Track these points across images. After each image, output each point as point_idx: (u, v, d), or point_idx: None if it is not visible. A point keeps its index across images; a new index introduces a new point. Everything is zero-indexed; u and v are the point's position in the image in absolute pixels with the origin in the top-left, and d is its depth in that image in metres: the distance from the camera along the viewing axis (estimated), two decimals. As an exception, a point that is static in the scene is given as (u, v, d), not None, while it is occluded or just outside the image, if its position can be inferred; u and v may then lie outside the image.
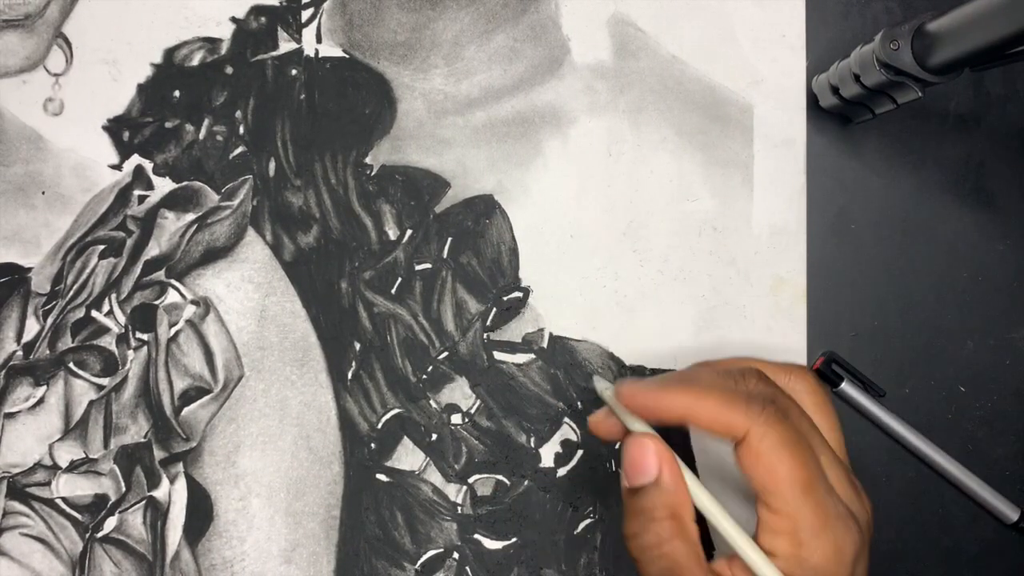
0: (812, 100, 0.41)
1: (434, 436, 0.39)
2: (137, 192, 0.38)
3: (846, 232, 0.41)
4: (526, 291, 0.39)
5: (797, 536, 0.27)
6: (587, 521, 0.39)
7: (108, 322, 0.38)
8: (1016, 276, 0.42)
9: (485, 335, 0.39)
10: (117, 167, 0.38)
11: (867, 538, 0.28)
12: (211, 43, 0.39)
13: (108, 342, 0.37)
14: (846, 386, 0.40)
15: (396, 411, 0.39)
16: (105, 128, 0.38)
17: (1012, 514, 0.41)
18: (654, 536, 0.28)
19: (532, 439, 0.39)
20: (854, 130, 0.42)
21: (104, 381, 0.37)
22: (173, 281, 0.38)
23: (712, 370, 0.30)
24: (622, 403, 0.30)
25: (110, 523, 0.37)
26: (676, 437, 0.30)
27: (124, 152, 0.38)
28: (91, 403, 0.37)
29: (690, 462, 0.31)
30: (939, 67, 0.34)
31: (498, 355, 0.39)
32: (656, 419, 0.29)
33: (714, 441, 0.29)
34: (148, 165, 0.38)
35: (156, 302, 0.38)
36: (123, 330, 0.38)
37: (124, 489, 0.37)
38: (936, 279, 0.42)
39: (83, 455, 0.37)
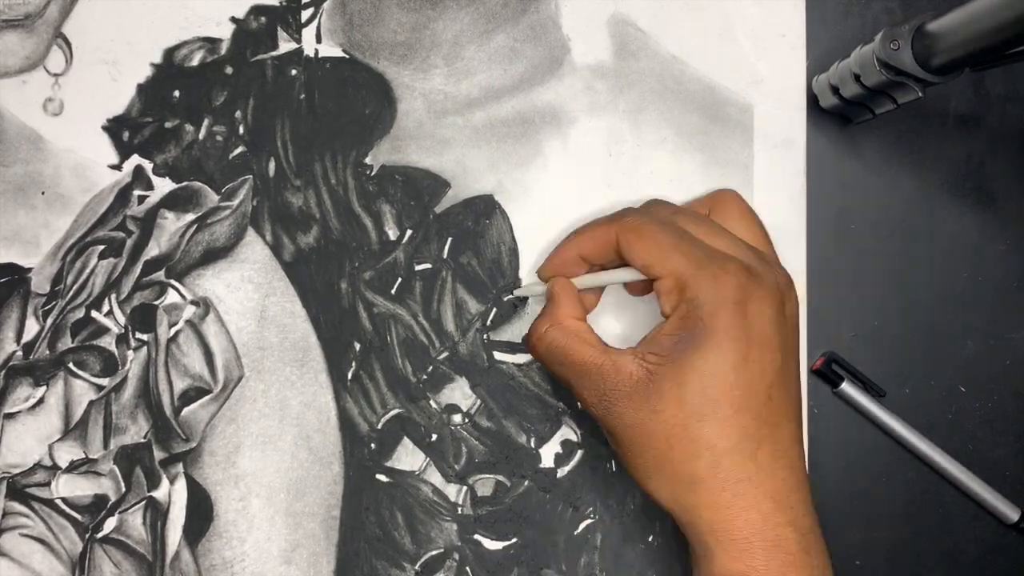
0: (812, 100, 0.41)
1: (434, 436, 0.39)
2: (137, 192, 0.38)
3: (846, 232, 0.41)
4: (526, 291, 0.39)
5: (679, 284, 0.31)
6: (587, 521, 0.39)
7: (108, 322, 0.38)
8: (1016, 276, 0.42)
9: (485, 335, 0.39)
10: (117, 167, 0.38)
11: (765, 280, 0.32)
12: (211, 43, 0.39)
13: (108, 342, 0.37)
14: (846, 386, 0.40)
15: (396, 411, 0.39)
16: (105, 128, 0.38)
17: (1012, 514, 0.41)
18: (535, 329, 0.36)
19: (532, 439, 0.39)
20: (854, 130, 0.42)
21: (104, 381, 0.37)
22: (173, 281, 0.38)
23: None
24: (542, 276, 0.37)
25: (110, 523, 0.37)
26: None
27: (124, 152, 0.38)
28: (91, 403, 0.37)
29: None
30: (939, 67, 0.34)
31: (498, 355, 0.39)
32: (566, 272, 0.36)
33: None
34: (148, 165, 0.38)
35: (156, 302, 0.38)
36: (123, 330, 0.38)
37: (124, 489, 0.37)
38: (936, 279, 0.42)
39: (83, 455, 0.37)
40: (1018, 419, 0.42)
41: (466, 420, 0.39)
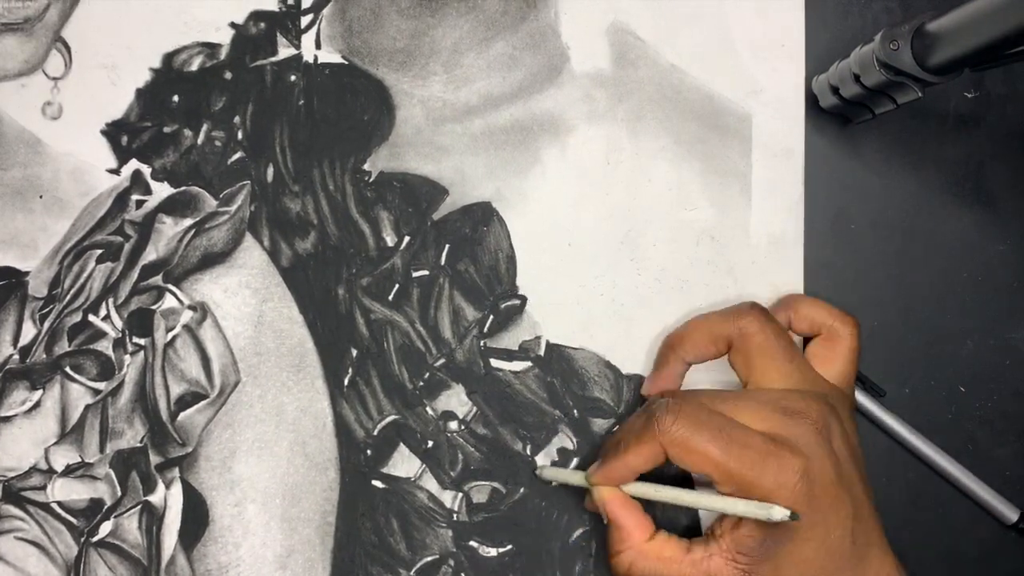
0: (812, 100, 0.41)
1: (430, 443, 0.39)
2: (135, 197, 0.38)
3: (846, 233, 0.41)
4: (523, 299, 0.40)
5: (742, 488, 0.31)
6: (582, 529, 0.39)
7: (105, 326, 0.38)
8: (1016, 276, 0.42)
9: (482, 342, 0.39)
10: (115, 172, 0.38)
11: (815, 437, 0.32)
12: (210, 48, 0.39)
13: (105, 346, 0.37)
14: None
15: (392, 418, 0.39)
16: (103, 132, 0.38)
17: (1012, 515, 0.41)
18: (620, 566, 0.35)
19: (528, 447, 0.39)
20: (854, 130, 0.42)
21: (100, 385, 0.37)
22: (170, 286, 0.38)
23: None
24: (599, 489, 0.35)
25: (105, 528, 0.37)
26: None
27: (122, 157, 0.38)
28: (87, 407, 0.37)
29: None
30: (939, 67, 0.34)
31: (495, 362, 0.39)
32: (619, 479, 0.35)
33: None
34: (146, 170, 0.38)
35: (153, 307, 0.38)
36: (120, 335, 0.38)
37: (120, 494, 0.37)
38: (936, 279, 0.42)
39: (79, 459, 0.37)
40: (1018, 419, 0.42)
41: (462, 427, 0.39)
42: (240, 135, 0.39)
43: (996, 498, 0.41)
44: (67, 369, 0.37)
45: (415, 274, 0.39)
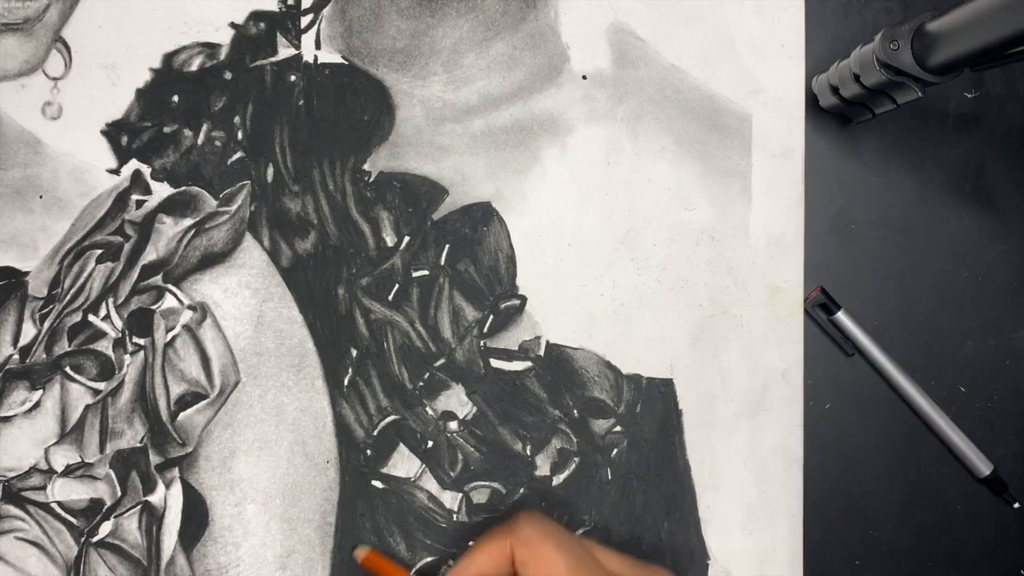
0: (812, 100, 0.41)
1: (430, 443, 0.39)
2: (135, 197, 0.38)
3: (846, 233, 0.41)
4: (523, 299, 0.39)
5: None
6: (582, 529, 0.39)
7: (105, 326, 0.38)
8: (1016, 276, 0.42)
9: (482, 342, 0.39)
10: (115, 172, 0.38)
11: None
12: (210, 48, 0.39)
13: (105, 346, 0.37)
14: (842, 315, 0.41)
15: (392, 418, 0.39)
16: (103, 133, 0.38)
17: (985, 468, 0.41)
18: None
19: (528, 447, 0.39)
20: (854, 130, 0.42)
21: (100, 385, 0.37)
22: (170, 286, 0.38)
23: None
24: None
25: (105, 528, 0.37)
26: None
27: (122, 157, 0.38)
28: (87, 407, 0.37)
29: None
30: (939, 67, 0.34)
31: (495, 363, 0.39)
32: None
33: None
34: (146, 170, 0.38)
35: (153, 307, 0.38)
36: (120, 335, 0.38)
37: (120, 494, 0.37)
38: (936, 279, 0.42)
39: (79, 459, 0.37)
40: (1018, 419, 0.42)
41: (462, 427, 0.39)
42: (240, 135, 0.39)
43: (972, 450, 0.41)
44: (67, 369, 0.37)
45: (415, 274, 0.39)
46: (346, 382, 0.38)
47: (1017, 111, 0.42)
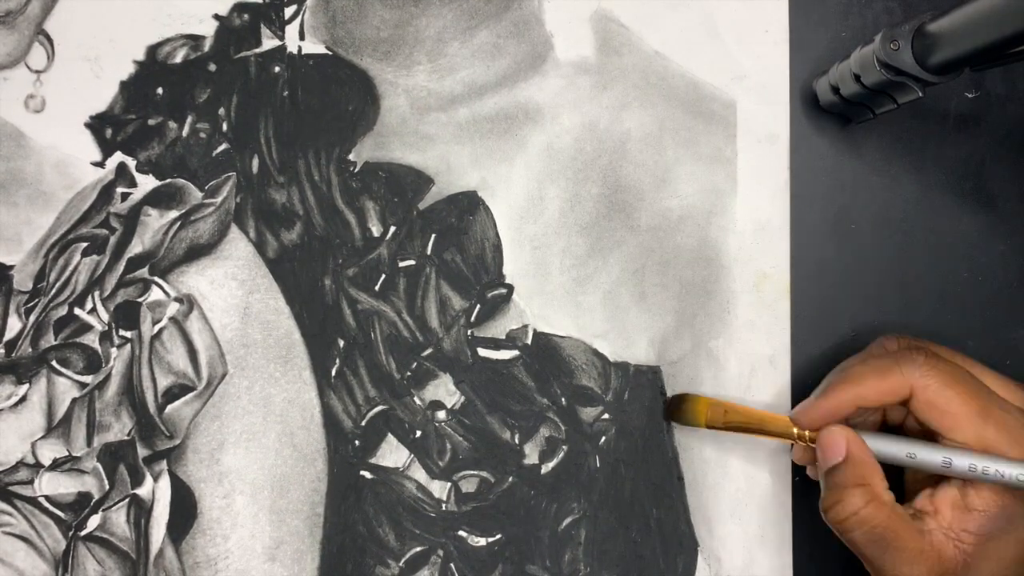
0: (813, 100, 0.41)
1: (418, 433, 0.39)
2: (120, 189, 0.38)
3: (846, 232, 0.41)
4: (510, 288, 0.39)
5: (998, 452, 0.30)
6: (571, 517, 0.39)
7: (91, 320, 0.37)
8: (1016, 277, 0.42)
9: (469, 332, 0.39)
10: (100, 164, 0.38)
11: None
12: (194, 40, 0.39)
13: (91, 340, 0.37)
14: None
15: (380, 408, 0.39)
16: (87, 125, 0.38)
17: None
18: (850, 504, 0.32)
19: (516, 436, 0.39)
20: (854, 130, 0.42)
21: (87, 379, 0.37)
22: (156, 278, 0.38)
23: (855, 360, 0.35)
24: (803, 428, 0.34)
25: (93, 521, 0.37)
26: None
27: (107, 149, 0.38)
28: (74, 401, 0.37)
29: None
30: (939, 67, 0.34)
31: (482, 352, 0.39)
32: (838, 418, 0.33)
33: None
34: (131, 162, 0.38)
35: (139, 299, 0.38)
36: (106, 328, 0.38)
37: (107, 487, 0.37)
38: (936, 279, 0.42)
39: (66, 453, 0.37)
40: (1017, 419, 0.42)
41: (450, 416, 0.39)
42: (225, 127, 0.39)
43: None
44: (53, 363, 0.37)
45: (401, 264, 0.39)
46: (333, 373, 0.38)
47: (1018, 111, 0.42)
